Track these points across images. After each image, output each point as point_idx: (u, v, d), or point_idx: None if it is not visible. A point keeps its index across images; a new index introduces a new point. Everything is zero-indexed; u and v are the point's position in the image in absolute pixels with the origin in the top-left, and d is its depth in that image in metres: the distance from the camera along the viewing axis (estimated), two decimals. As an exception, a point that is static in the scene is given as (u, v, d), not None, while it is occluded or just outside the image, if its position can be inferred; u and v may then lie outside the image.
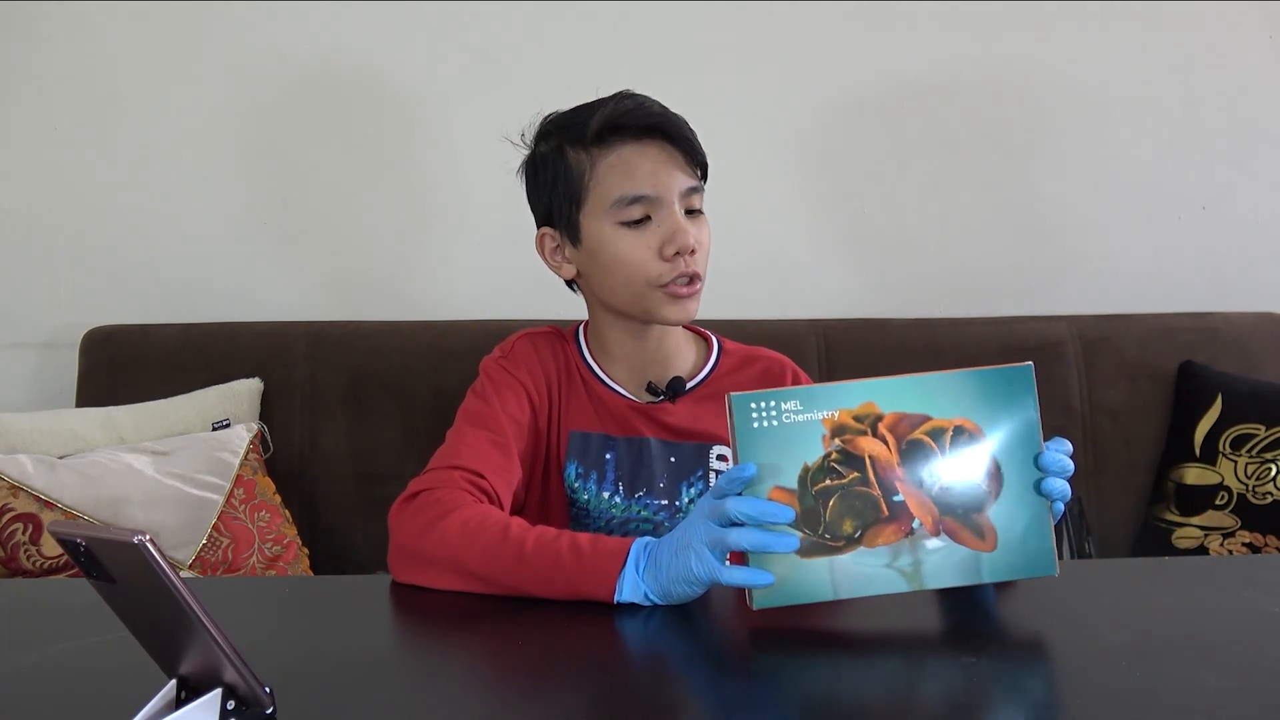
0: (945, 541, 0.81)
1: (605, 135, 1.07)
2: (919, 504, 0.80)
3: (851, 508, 0.80)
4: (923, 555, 0.80)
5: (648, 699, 0.71)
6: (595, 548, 0.87)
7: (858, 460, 0.80)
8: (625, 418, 1.13)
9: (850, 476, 0.80)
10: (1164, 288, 2.09)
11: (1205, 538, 1.81)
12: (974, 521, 0.81)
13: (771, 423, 0.79)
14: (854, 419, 0.80)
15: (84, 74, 1.97)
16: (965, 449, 0.81)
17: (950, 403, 0.81)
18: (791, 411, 0.79)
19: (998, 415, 0.81)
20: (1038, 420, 0.82)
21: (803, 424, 0.79)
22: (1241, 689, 0.68)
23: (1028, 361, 0.82)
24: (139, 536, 0.55)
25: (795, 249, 2.05)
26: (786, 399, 0.79)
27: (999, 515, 0.81)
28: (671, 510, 1.11)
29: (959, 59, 2.05)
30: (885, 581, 0.80)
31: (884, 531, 0.80)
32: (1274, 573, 1.00)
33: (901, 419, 0.80)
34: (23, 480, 1.61)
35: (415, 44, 1.99)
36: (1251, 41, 2.06)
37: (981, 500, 0.81)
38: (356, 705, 0.68)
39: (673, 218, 1.06)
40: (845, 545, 0.80)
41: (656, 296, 1.07)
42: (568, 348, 1.17)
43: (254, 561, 1.65)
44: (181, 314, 1.95)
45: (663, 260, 1.06)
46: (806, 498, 0.79)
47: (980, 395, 0.81)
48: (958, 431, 0.81)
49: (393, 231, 2.03)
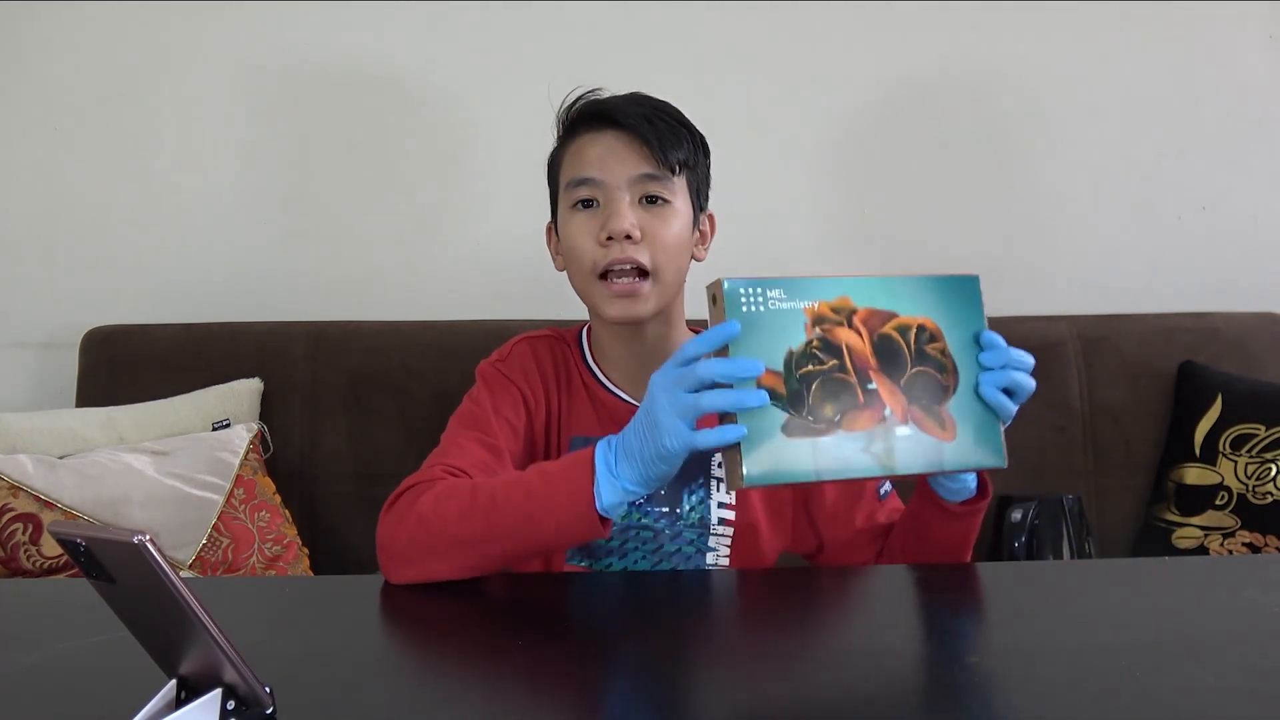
0: (913, 429, 0.86)
1: (574, 126, 1.10)
2: (889, 393, 0.86)
3: (832, 393, 0.85)
4: (894, 442, 0.86)
5: (649, 698, 0.71)
6: (561, 464, 0.89)
7: (836, 349, 0.85)
8: (625, 421, 1.11)
9: (830, 363, 0.85)
10: (1164, 288, 2.09)
11: (1205, 538, 1.81)
12: (935, 412, 0.87)
13: (758, 308, 0.84)
14: (832, 310, 0.85)
15: (84, 74, 1.97)
16: (926, 345, 0.88)
17: (913, 303, 0.88)
18: (776, 299, 0.84)
19: (952, 318, 0.89)
20: (983, 326, 0.90)
21: (786, 311, 0.84)
22: (1241, 689, 0.68)
23: (975, 273, 0.90)
24: (139, 536, 0.55)
25: (795, 249, 2.05)
26: (772, 287, 0.85)
27: (956, 409, 0.88)
28: (673, 518, 1.09)
29: (958, 59, 2.05)
30: (862, 466, 0.85)
31: (860, 417, 0.85)
32: (1274, 573, 1.00)
33: (873, 314, 0.86)
34: (23, 480, 1.61)
35: (415, 44, 1.99)
36: (1251, 41, 2.06)
37: (940, 393, 0.87)
38: (356, 705, 0.68)
39: (614, 202, 1.05)
40: (827, 428, 0.84)
41: (598, 289, 1.06)
42: (568, 350, 1.16)
43: (254, 561, 1.65)
44: (181, 314, 1.95)
45: (599, 245, 1.05)
46: (791, 381, 0.83)
47: (937, 299, 0.89)
48: (920, 329, 0.87)
49: (393, 231, 2.03)
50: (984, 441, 0.88)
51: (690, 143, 1.10)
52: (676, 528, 1.09)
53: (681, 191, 1.09)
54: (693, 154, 1.10)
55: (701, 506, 1.09)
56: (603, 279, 1.05)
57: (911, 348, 0.87)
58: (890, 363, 0.86)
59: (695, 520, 1.09)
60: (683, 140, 1.08)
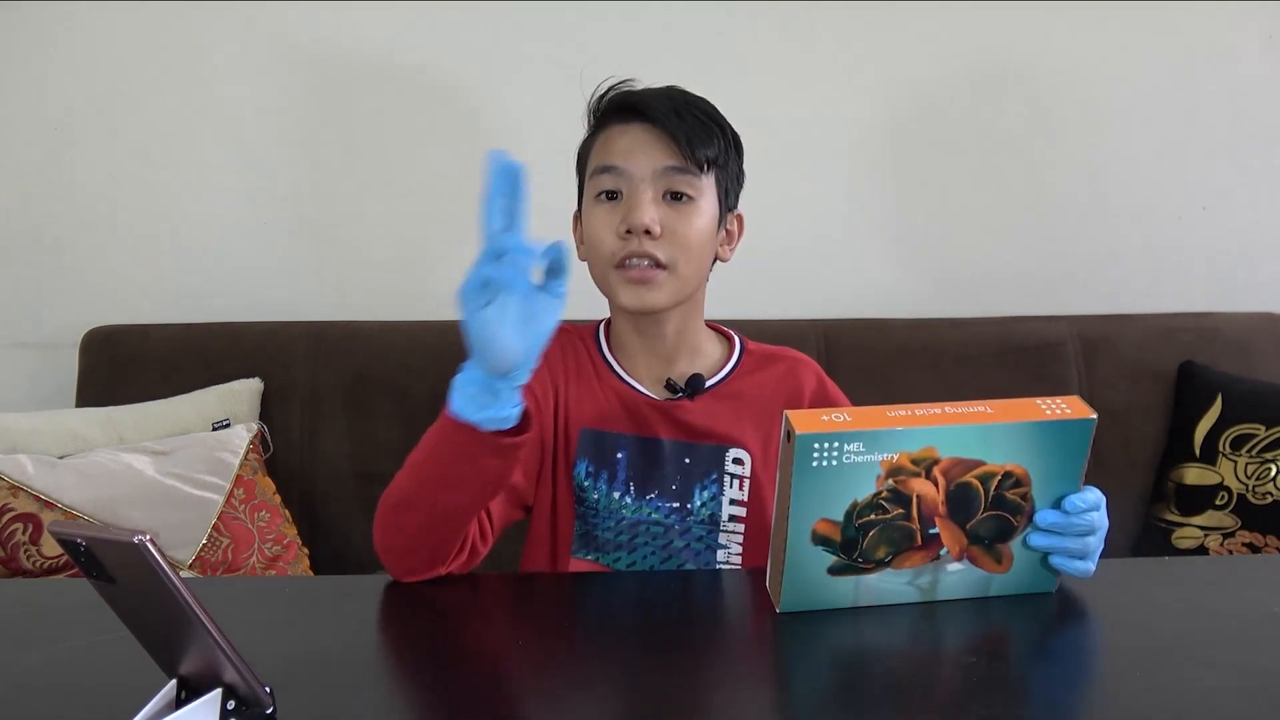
0: (965, 565, 0.84)
1: (603, 118, 1.10)
2: (951, 535, 0.83)
3: (889, 538, 0.82)
4: (942, 576, 0.84)
5: (650, 698, 0.71)
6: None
7: (905, 499, 0.80)
8: (640, 414, 1.10)
9: (894, 513, 0.81)
10: (1164, 288, 2.10)
11: (1205, 538, 1.81)
12: (995, 550, 0.84)
13: (831, 463, 0.78)
14: (911, 462, 0.79)
15: (84, 74, 1.97)
16: (1008, 491, 0.82)
17: (1006, 450, 0.80)
18: (854, 453, 0.78)
19: (1048, 461, 0.81)
20: (1083, 468, 0.82)
21: (861, 465, 0.78)
22: (1241, 689, 0.68)
23: (1092, 415, 0.81)
24: (139, 536, 0.55)
25: (796, 249, 2.05)
26: (851, 440, 0.77)
27: (1018, 545, 0.84)
28: (683, 513, 1.09)
29: (959, 60, 2.05)
30: (902, 595, 0.84)
31: (912, 557, 0.83)
32: (1274, 573, 1.00)
33: (956, 464, 0.80)
34: (23, 480, 1.61)
35: (416, 43, 1.99)
36: (1251, 41, 2.06)
37: (1007, 533, 0.83)
38: (356, 705, 0.67)
39: (635, 195, 1.04)
40: (875, 567, 0.82)
41: (613, 277, 1.06)
42: (580, 344, 1.15)
43: (254, 561, 1.65)
44: (181, 314, 1.96)
45: (619, 238, 1.04)
46: (849, 528, 0.80)
47: (1038, 443, 0.80)
48: (1005, 476, 0.81)
49: (393, 231, 2.03)
50: (1039, 573, 0.85)
51: (722, 140, 1.07)
52: (686, 524, 1.09)
53: (709, 189, 1.07)
54: (724, 152, 1.08)
55: (713, 503, 1.09)
56: (619, 266, 1.05)
57: (989, 495, 0.81)
58: (961, 509, 0.81)
59: (706, 516, 1.09)
60: (713, 137, 1.06)
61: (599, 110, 1.11)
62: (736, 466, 1.09)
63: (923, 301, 2.05)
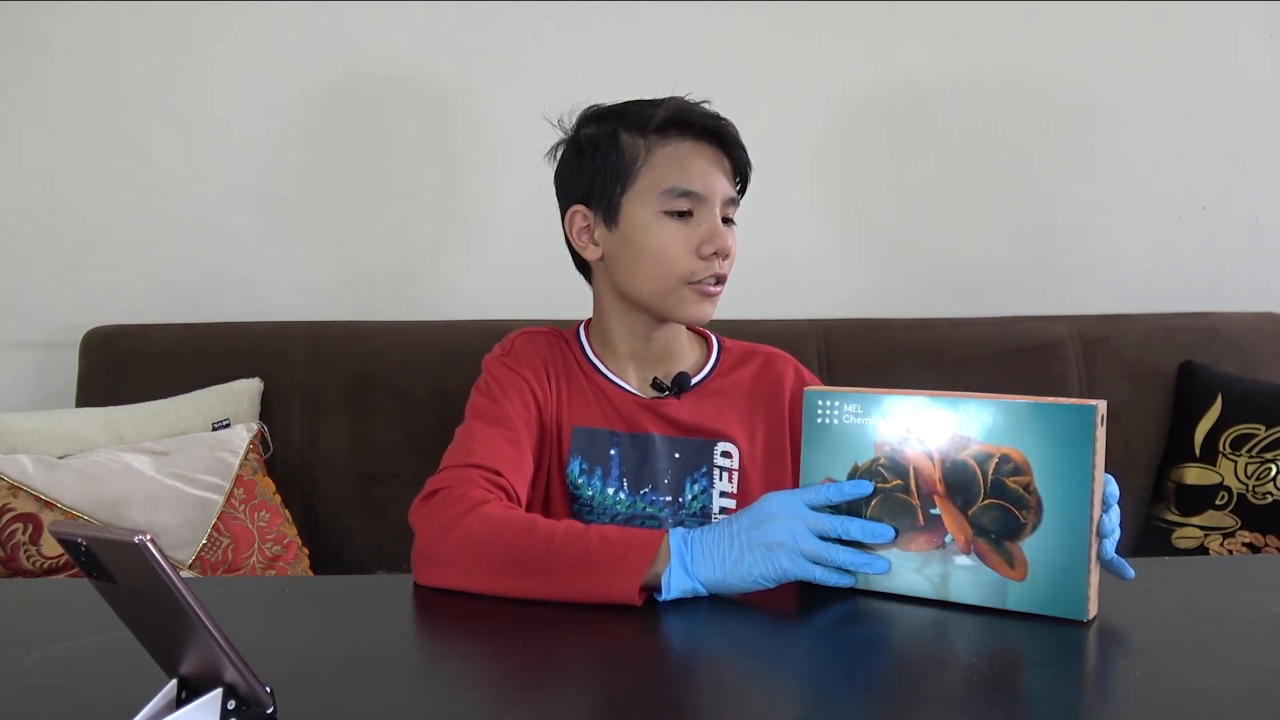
0: (975, 561, 0.83)
1: (667, 127, 1.10)
2: (953, 520, 0.83)
3: (890, 511, 0.85)
4: (951, 569, 0.84)
5: (651, 698, 0.71)
6: (625, 536, 0.88)
7: (902, 469, 0.84)
8: (629, 412, 1.13)
9: (893, 483, 0.84)
10: (1164, 288, 2.10)
11: (1205, 538, 1.81)
12: (1006, 549, 0.82)
13: (833, 420, 0.86)
14: (906, 429, 0.84)
15: (85, 74, 1.97)
16: (1007, 478, 0.82)
17: (1003, 430, 0.81)
18: (852, 414, 0.86)
19: (1050, 450, 0.80)
20: (1092, 463, 0.79)
21: (859, 426, 0.85)
22: (1241, 689, 0.68)
23: (1095, 401, 0.79)
24: (139, 536, 0.55)
25: (796, 249, 2.06)
26: (850, 401, 0.86)
27: (1033, 547, 0.81)
28: (675, 506, 1.11)
29: (959, 59, 2.05)
30: (912, 586, 0.85)
31: (917, 539, 0.85)
32: (1274, 573, 1.00)
33: (951, 437, 0.83)
34: (23, 480, 1.61)
35: (415, 45, 1.99)
36: (1251, 41, 2.07)
37: (1016, 529, 0.82)
38: (356, 705, 0.67)
39: (714, 219, 1.09)
40: (881, 545, 0.85)
41: (684, 292, 1.09)
42: (567, 346, 1.18)
43: (254, 561, 1.65)
44: (181, 314, 1.96)
45: (698, 258, 1.08)
46: None
47: (1035, 427, 0.80)
48: (1003, 460, 0.81)
49: (393, 231, 2.03)
50: (1062, 590, 0.80)
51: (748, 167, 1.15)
52: (679, 516, 1.11)
53: None
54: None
55: (704, 495, 1.12)
56: (694, 283, 1.09)
57: (988, 478, 0.82)
58: (960, 490, 0.83)
59: (697, 509, 1.12)
60: (748, 167, 1.14)
61: (659, 119, 1.09)
62: (725, 459, 1.13)
63: (923, 301, 2.05)
